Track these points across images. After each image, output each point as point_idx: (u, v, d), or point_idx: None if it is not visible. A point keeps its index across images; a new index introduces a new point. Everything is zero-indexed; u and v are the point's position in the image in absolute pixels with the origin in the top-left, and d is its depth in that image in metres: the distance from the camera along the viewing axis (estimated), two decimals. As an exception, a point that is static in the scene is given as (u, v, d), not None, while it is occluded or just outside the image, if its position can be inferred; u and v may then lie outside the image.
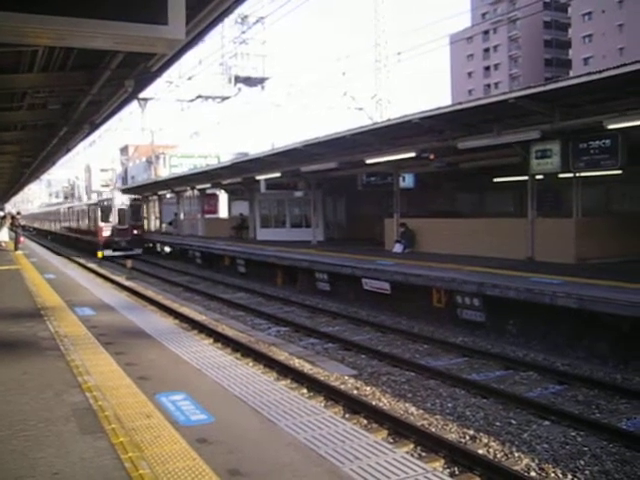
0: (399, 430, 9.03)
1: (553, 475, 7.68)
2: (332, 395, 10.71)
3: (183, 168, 59.10)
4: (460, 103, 18.56)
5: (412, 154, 21.77)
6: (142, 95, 17.75)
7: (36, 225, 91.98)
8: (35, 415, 6.14)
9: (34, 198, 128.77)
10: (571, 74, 73.38)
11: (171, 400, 6.59)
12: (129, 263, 34.34)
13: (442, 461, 8.00)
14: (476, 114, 17.99)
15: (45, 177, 74.98)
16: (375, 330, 16.42)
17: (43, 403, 6.55)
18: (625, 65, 13.34)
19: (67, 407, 6.37)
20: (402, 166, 24.98)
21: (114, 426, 5.73)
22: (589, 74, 14.14)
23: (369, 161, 23.73)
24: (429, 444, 8.46)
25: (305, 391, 10.95)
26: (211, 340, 14.94)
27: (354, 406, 10.12)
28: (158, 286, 27.15)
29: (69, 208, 60.68)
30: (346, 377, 11.97)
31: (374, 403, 10.35)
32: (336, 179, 29.92)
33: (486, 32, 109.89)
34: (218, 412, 6.20)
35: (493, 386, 11.02)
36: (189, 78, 33.89)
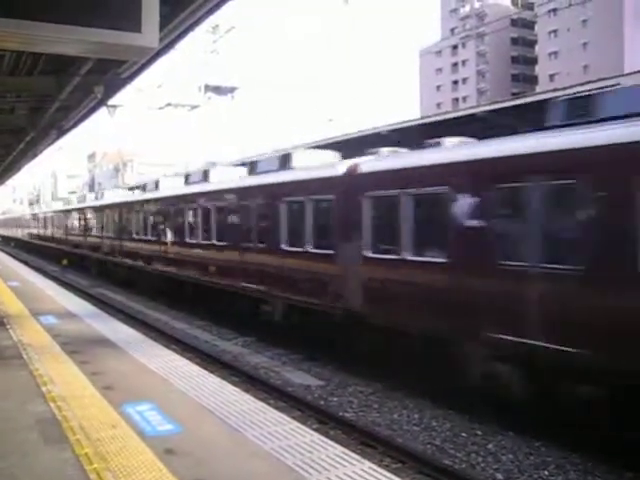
0: (366, 441, 9.04)
1: (518, 485, 7.76)
2: (299, 406, 10.68)
3: (151, 176, 58.49)
4: (428, 116, 18.78)
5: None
6: (111, 102, 17.60)
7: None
8: (-3, 425, 6.03)
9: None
10: (537, 90, 74.74)
11: (137, 410, 6.51)
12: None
13: (409, 472, 8.03)
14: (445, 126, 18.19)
15: (10, 182, 73.63)
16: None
17: (6, 413, 6.43)
18: (590, 82, 13.66)
19: (31, 417, 6.27)
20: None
21: (79, 437, 5.65)
22: (555, 90, 14.44)
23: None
24: (396, 455, 8.49)
25: (272, 401, 10.90)
26: (178, 349, 14.80)
27: (321, 417, 10.11)
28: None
29: None
30: (313, 388, 11.96)
31: (341, 414, 10.35)
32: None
33: (455, 47, 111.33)
34: (185, 422, 6.15)
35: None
36: (159, 86, 33.66)
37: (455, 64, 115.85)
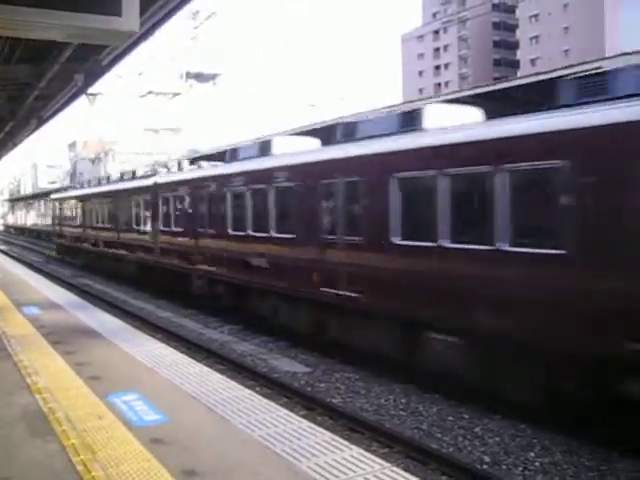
0: (353, 427, 9.06)
1: (505, 467, 7.82)
2: (286, 392, 10.70)
3: (132, 164, 57.95)
4: (411, 101, 18.74)
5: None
6: (91, 90, 17.39)
7: None
8: (-18, 418, 5.96)
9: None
10: (519, 74, 74.97)
11: (124, 400, 6.47)
12: None
13: (397, 456, 8.06)
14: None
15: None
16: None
17: (-10, 405, 6.36)
18: (572, 66, 13.67)
19: (16, 409, 6.20)
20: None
21: (65, 428, 5.60)
22: (537, 74, 14.44)
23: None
24: (384, 440, 8.52)
25: (259, 389, 10.90)
26: (163, 338, 14.75)
27: (308, 403, 10.12)
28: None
29: None
30: (300, 374, 11.97)
31: (328, 400, 10.36)
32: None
33: (436, 32, 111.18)
34: (172, 411, 6.12)
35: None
36: (140, 74, 33.36)
37: (437, 49, 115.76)
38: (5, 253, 38.96)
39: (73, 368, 7.84)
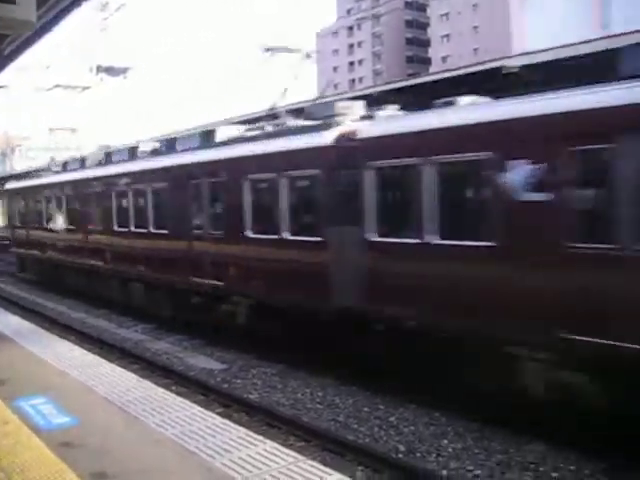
0: (270, 422, 9.07)
1: (419, 455, 8.00)
2: (202, 390, 10.59)
3: (40, 161, 55.80)
4: (323, 97, 18.88)
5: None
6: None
7: None
8: None
9: None
10: (430, 71, 76.62)
11: (31, 404, 6.25)
12: None
13: (314, 449, 8.11)
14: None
15: None
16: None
17: None
18: (479, 64, 14.08)
19: None
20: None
21: (-34, 436, 5.36)
22: (447, 70, 14.81)
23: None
24: (300, 434, 8.56)
25: (174, 387, 10.74)
26: (75, 340, 14.32)
27: (224, 400, 10.06)
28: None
29: None
30: (216, 371, 11.88)
31: (245, 396, 10.33)
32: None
33: (351, 28, 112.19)
34: (83, 414, 5.95)
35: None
36: (47, 67, 32.12)
37: (351, 45, 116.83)
38: None
39: (-24, 373, 7.52)
